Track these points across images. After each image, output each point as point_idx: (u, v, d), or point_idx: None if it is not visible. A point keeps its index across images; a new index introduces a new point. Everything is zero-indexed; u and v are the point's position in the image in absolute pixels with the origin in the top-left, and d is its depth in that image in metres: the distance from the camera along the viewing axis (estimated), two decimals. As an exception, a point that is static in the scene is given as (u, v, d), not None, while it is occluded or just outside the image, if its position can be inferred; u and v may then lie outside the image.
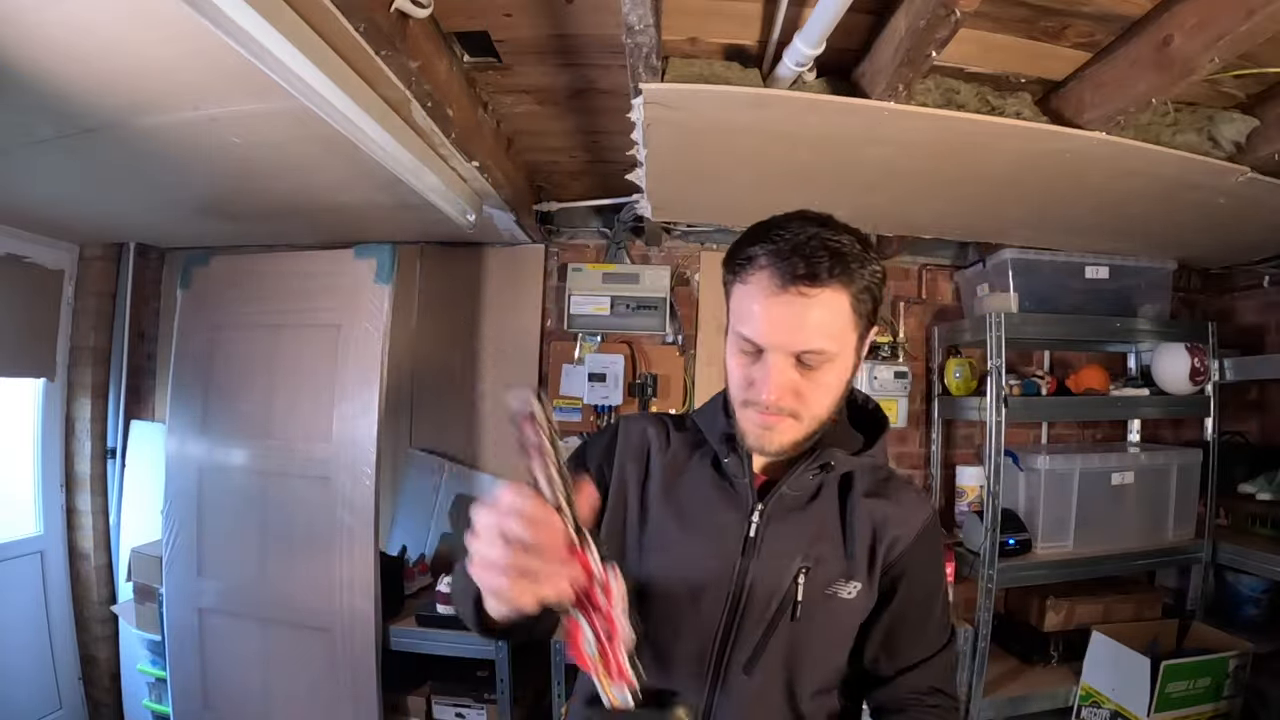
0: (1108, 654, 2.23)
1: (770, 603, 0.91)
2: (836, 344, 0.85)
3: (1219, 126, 1.67)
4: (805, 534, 0.93)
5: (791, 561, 0.92)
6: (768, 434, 0.88)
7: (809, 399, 0.87)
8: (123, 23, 1.25)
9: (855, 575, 0.93)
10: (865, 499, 0.95)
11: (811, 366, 0.85)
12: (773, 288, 0.84)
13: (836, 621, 0.93)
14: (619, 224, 2.78)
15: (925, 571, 0.97)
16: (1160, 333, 2.57)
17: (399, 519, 2.88)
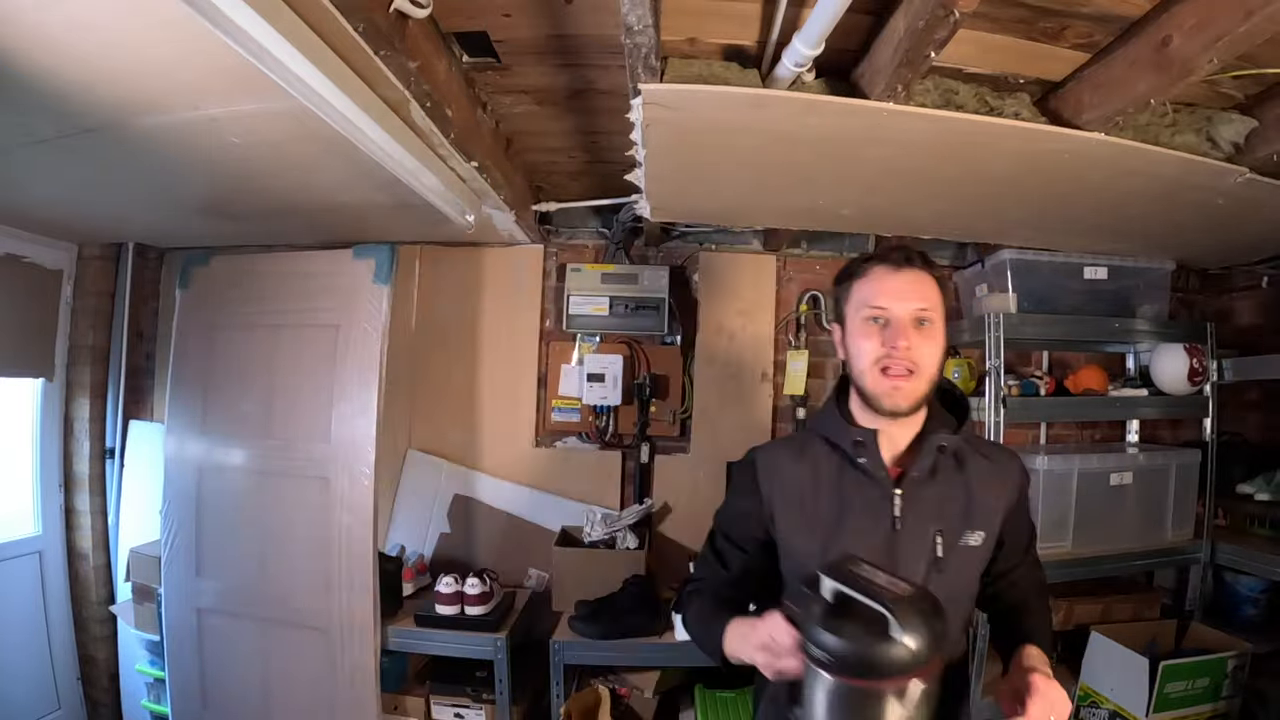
0: (1106, 654, 2.23)
1: (918, 565, 1.13)
2: (937, 310, 1.14)
3: (1218, 127, 1.67)
4: (935, 504, 1.15)
5: (930, 528, 1.14)
6: (898, 392, 1.12)
7: (924, 355, 1.12)
8: (122, 23, 1.25)
9: (978, 525, 1.16)
10: (971, 464, 1.19)
11: (926, 323, 1.13)
12: (890, 270, 1.15)
13: (969, 566, 1.18)
14: (618, 224, 2.78)
15: (1024, 501, 1.27)
16: (1159, 333, 2.57)
17: (397, 519, 2.89)
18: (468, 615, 2.33)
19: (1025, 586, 1.29)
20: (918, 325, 1.13)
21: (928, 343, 1.13)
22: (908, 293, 1.13)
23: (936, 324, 1.14)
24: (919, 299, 1.13)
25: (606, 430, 2.88)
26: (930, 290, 1.15)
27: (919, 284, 1.14)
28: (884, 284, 1.15)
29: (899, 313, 1.12)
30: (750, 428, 2.85)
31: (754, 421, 2.88)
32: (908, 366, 1.11)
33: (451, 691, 2.41)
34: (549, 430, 2.91)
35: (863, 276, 1.18)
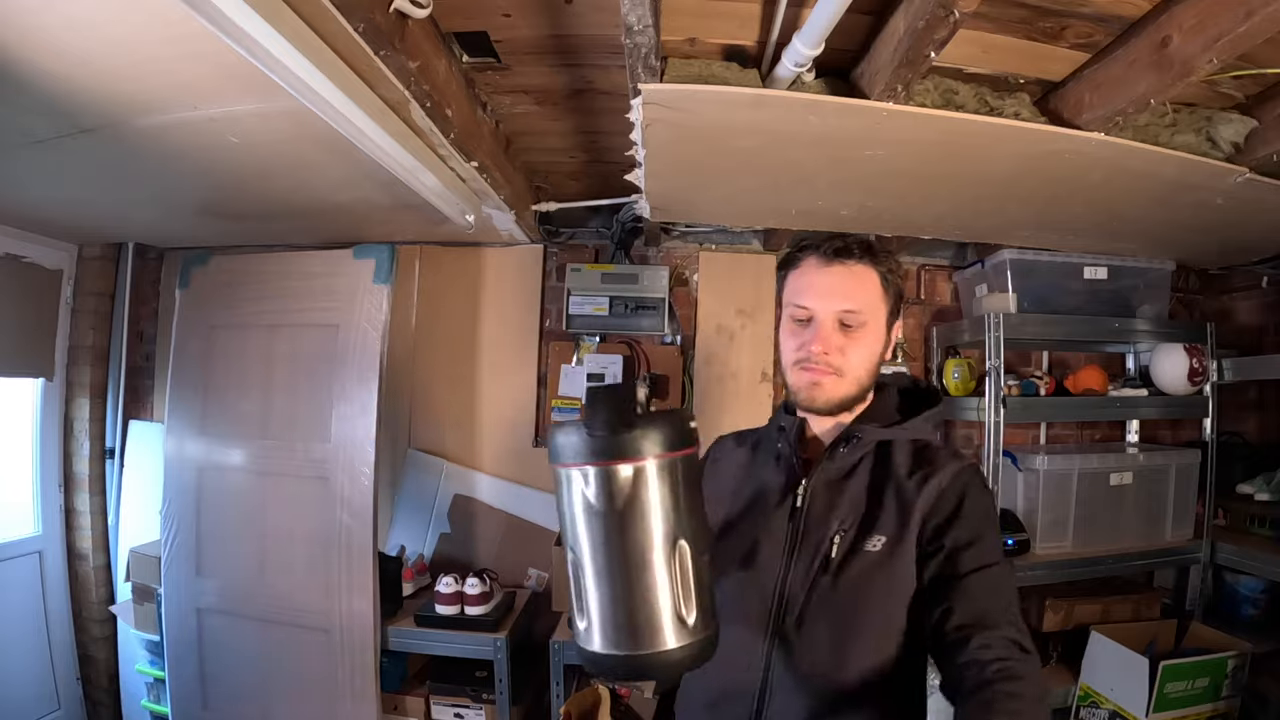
0: (1106, 654, 2.23)
1: (812, 563, 1.03)
2: (869, 310, 1.06)
3: (1217, 127, 1.67)
4: (843, 502, 1.05)
5: (829, 525, 1.04)
6: (816, 389, 1.06)
7: (850, 357, 1.06)
8: (122, 23, 1.25)
9: (881, 530, 1.01)
10: (900, 467, 1.06)
11: (851, 326, 1.05)
12: (819, 264, 1.08)
13: (867, 575, 1.00)
14: (618, 224, 2.78)
15: (961, 517, 0.99)
16: (1159, 333, 2.57)
17: (397, 519, 2.88)
18: (468, 615, 2.33)
19: (999, 653, 0.85)
20: (842, 328, 1.05)
21: (854, 346, 1.06)
22: (834, 292, 1.06)
23: (869, 325, 1.06)
24: (845, 299, 1.05)
25: (606, 430, 2.87)
26: (862, 288, 1.06)
27: (850, 281, 1.06)
28: (810, 280, 1.08)
29: (822, 315, 1.05)
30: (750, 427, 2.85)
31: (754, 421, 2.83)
32: (827, 369, 1.05)
33: (451, 691, 2.41)
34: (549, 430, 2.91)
35: (795, 268, 1.11)
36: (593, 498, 0.76)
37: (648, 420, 0.76)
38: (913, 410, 1.13)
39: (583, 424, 0.77)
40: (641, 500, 0.76)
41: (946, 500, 1.01)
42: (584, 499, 0.76)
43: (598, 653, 0.78)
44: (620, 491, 0.75)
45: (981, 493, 1.03)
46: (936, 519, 1.00)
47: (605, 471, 0.75)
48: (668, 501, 0.76)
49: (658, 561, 0.76)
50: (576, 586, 0.79)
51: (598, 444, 0.75)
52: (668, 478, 0.76)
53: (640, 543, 0.76)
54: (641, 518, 0.76)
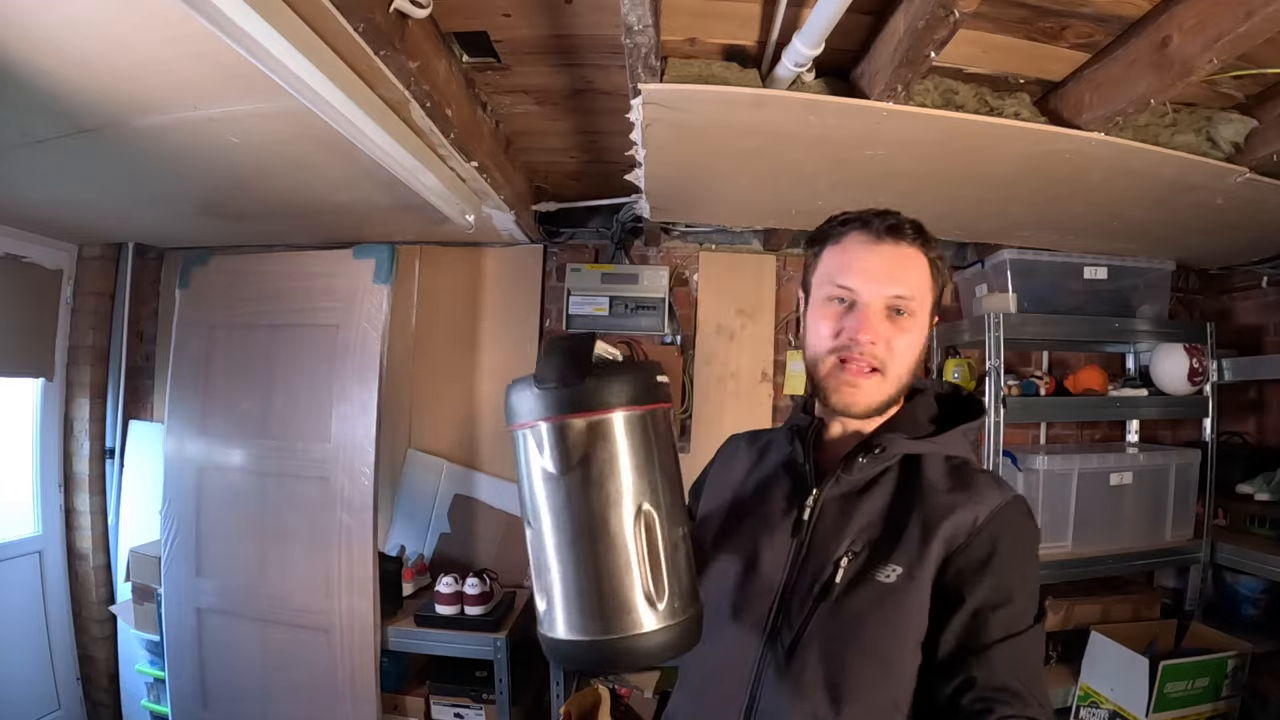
0: (1106, 654, 2.23)
1: (814, 586, 0.89)
2: (920, 299, 0.93)
3: (1217, 127, 1.67)
4: (857, 520, 0.91)
5: (838, 545, 0.90)
6: (855, 391, 0.92)
7: (895, 353, 0.92)
8: (121, 23, 1.25)
9: (898, 559, 0.86)
10: (929, 486, 0.91)
11: (902, 314, 0.92)
12: (867, 241, 0.94)
13: (875, 609, 0.85)
14: (618, 224, 2.78)
15: (994, 561, 0.84)
16: (1159, 333, 2.57)
17: (398, 519, 2.88)
18: (468, 615, 2.33)
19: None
20: (891, 315, 0.92)
21: (901, 337, 0.92)
22: (885, 274, 0.92)
23: (917, 315, 0.93)
24: (897, 283, 0.92)
25: (606, 430, 2.87)
26: (915, 272, 0.93)
27: (902, 263, 0.93)
28: (857, 258, 0.93)
29: (869, 297, 0.91)
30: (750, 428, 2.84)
31: (754, 421, 2.87)
32: (871, 364, 0.91)
33: (451, 691, 2.41)
34: (549, 430, 2.91)
35: (835, 243, 0.97)
36: (546, 458, 0.67)
37: (606, 371, 0.68)
38: (949, 421, 0.98)
39: (533, 377, 0.69)
40: (600, 459, 0.67)
41: (979, 543, 0.85)
42: (538, 460, 0.68)
43: (560, 639, 0.68)
44: (575, 449, 0.67)
45: (1022, 538, 0.87)
46: (961, 563, 0.84)
47: (558, 427, 0.67)
48: (630, 461, 0.67)
49: (622, 531, 0.67)
50: (537, 566, 0.70)
51: (549, 397, 0.67)
52: (630, 435, 0.67)
53: (601, 509, 0.67)
54: (601, 479, 0.67)
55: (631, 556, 0.65)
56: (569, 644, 0.67)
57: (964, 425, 0.96)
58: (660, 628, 0.65)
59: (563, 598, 0.69)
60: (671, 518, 0.69)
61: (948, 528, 0.85)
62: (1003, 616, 0.80)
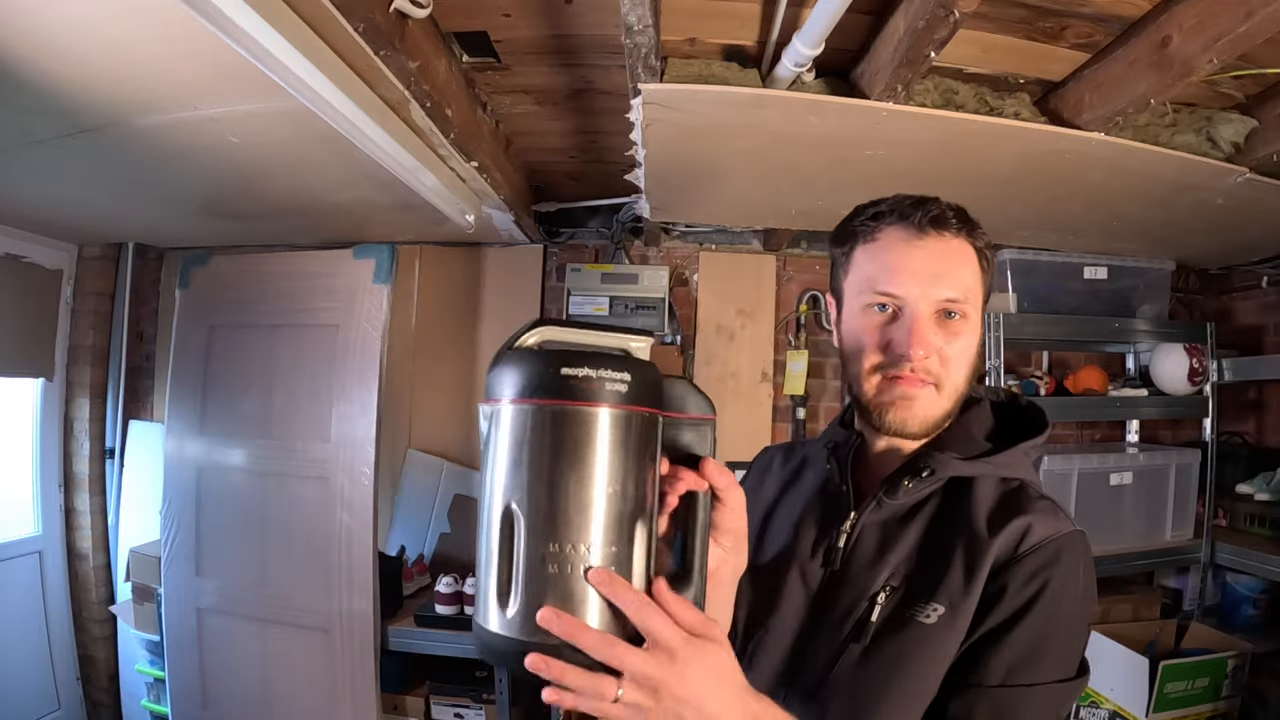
0: (1106, 654, 2.23)
1: (844, 623, 0.78)
2: (972, 298, 0.81)
3: (1217, 127, 1.67)
4: (896, 551, 0.80)
5: (875, 579, 0.79)
6: (909, 407, 0.80)
7: (950, 363, 0.80)
8: (122, 23, 1.25)
9: (940, 598, 0.74)
10: (977, 514, 0.79)
11: (954, 318, 0.80)
12: (908, 235, 0.81)
13: (915, 651, 0.73)
14: (618, 224, 2.78)
15: (1032, 597, 0.72)
16: (1159, 333, 2.57)
17: (398, 519, 2.88)
18: (468, 615, 2.33)
19: None
20: (944, 319, 0.80)
21: (955, 344, 0.80)
22: (932, 274, 0.79)
23: (970, 317, 0.81)
24: (947, 284, 0.79)
25: (606, 430, 2.87)
26: (965, 268, 0.81)
27: (950, 259, 0.80)
28: (898, 259, 0.80)
29: (916, 304, 0.79)
30: (750, 428, 2.85)
31: (754, 422, 2.87)
32: (924, 379, 0.80)
33: (451, 691, 2.41)
34: (549, 430, 2.91)
35: (868, 241, 0.84)
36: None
37: (515, 358, 0.60)
38: (1006, 436, 0.86)
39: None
40: (488, 447, 0.60)
41: (1018, 571, 0.73)
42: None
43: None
44: (483, 433, 0.61)
45: (1073, 579, 0.74)
46: (992, 589, 0.73)
47: (480, 408, 0.61)
48: (506, 456, 0.58)
49: (489, 522, 0.59)
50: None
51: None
52: (512, 429, 0.58)
53: (482, 495, 0.60)
54: (484, 467, 0.60)
55: (493, 551, 0.57)
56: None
57: (1025, 444, 0.84)
58: (499, 633, 0.56)
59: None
60: (551, 529, 0.56)
61: (995, 549, 0.75)
62: (1009, 659, 0.69)
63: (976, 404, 0.88)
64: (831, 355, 2.89)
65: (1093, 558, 0.79)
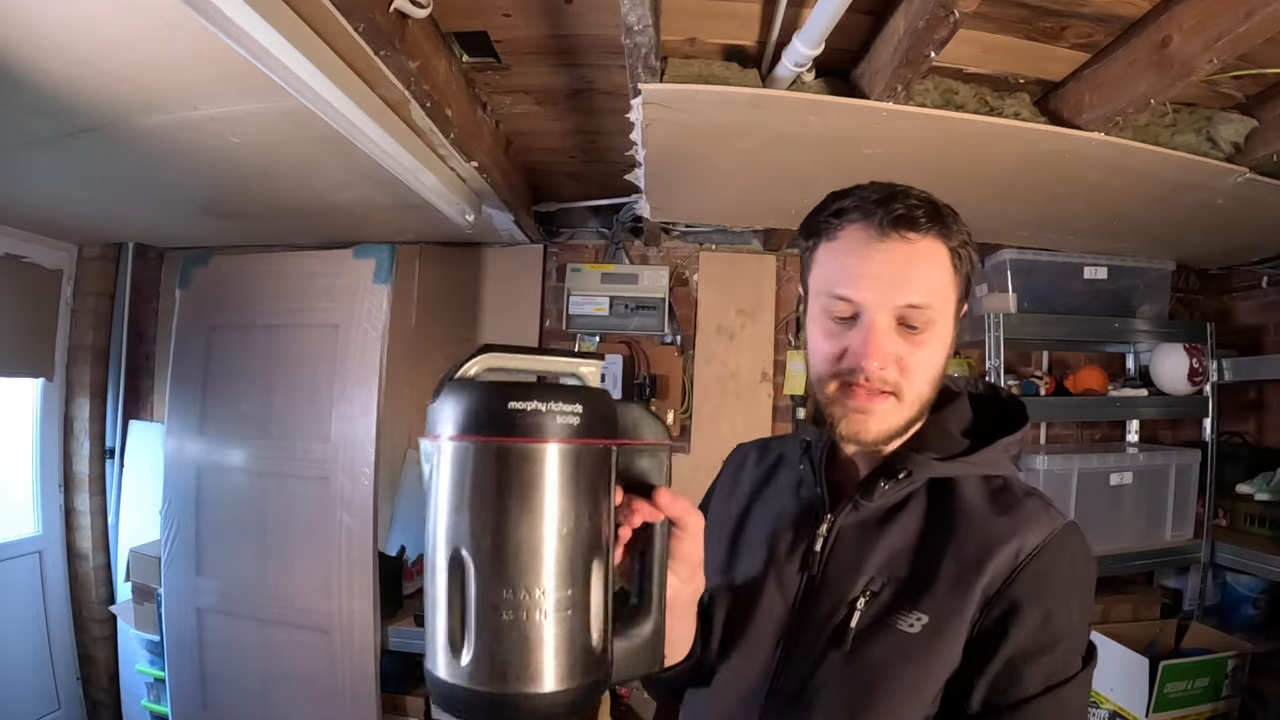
0: (1106, 654, 2.23)
1: (824, 628, 0.76)
2: (939, 303, 0.76)
3: (1217, 127, 1.67)
4: (879, 553, 0.77)
5: (854, 583, 0.76)
6: (865, 419, 0.76)
7: (911, 372, 0.75)
8: (122, 22, 1.25)
9: (925, 607, 0.73)
10: (964, 516, 0.77)
11: (915, 329, 0.75)
12: (869, 236, 0.75)
13: (895, 663, 0.72)
14: (618, 224, 2.78)
15: (1045, 601, 0.71)
16: (1159, 333, 2.57)
17: (398, 519, 2.88)
18: (468, 615, 2.33)
19: None
20: (903, 330, 0.75)
21: (917, 353, 0.75)
22: (893, 279, 0.74)
23: (937, 323, 0.76)
24: (908, 289, 0.74)
25: (606, 430, 2.87)
26: (932, 270, 0.75)
27: (914, 262, 0.74)
28: (857, 261, 0.75)
29: (874, 311, 0.74)
30: (750, 428, 2.85)
31: (754, 421, 2.87)
32: (881, 389, 0.75)
33: (451, 691, 2.41)
34: (549, 430, 2.91)
35: (831, 239, 0.79)
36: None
37: (455, 390, 0.56)
38: (985, 431, 0.83)
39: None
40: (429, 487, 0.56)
41: (1022, 581, 0.72)
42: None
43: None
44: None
45: (1075, 570, 0.76)
46: (1003, 606, 0.71)
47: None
48: (446, 496, 0.55)
49: (434, 568, 0.55)
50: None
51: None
52: (453, 467, 0.54)
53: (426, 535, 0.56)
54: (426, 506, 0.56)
55: (440, 598, 0.54)
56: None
57: (1005, 440, 0.81)
58: (455, 683, 0.54)
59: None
60: (503, 574, 0.53)
61: (989, 569, 0.72)
62: (1045, 664, 0.68)
63: (955, 398, 0.85)
64: (831, 355, 2.89)
65: (1086, 539, 0.80)
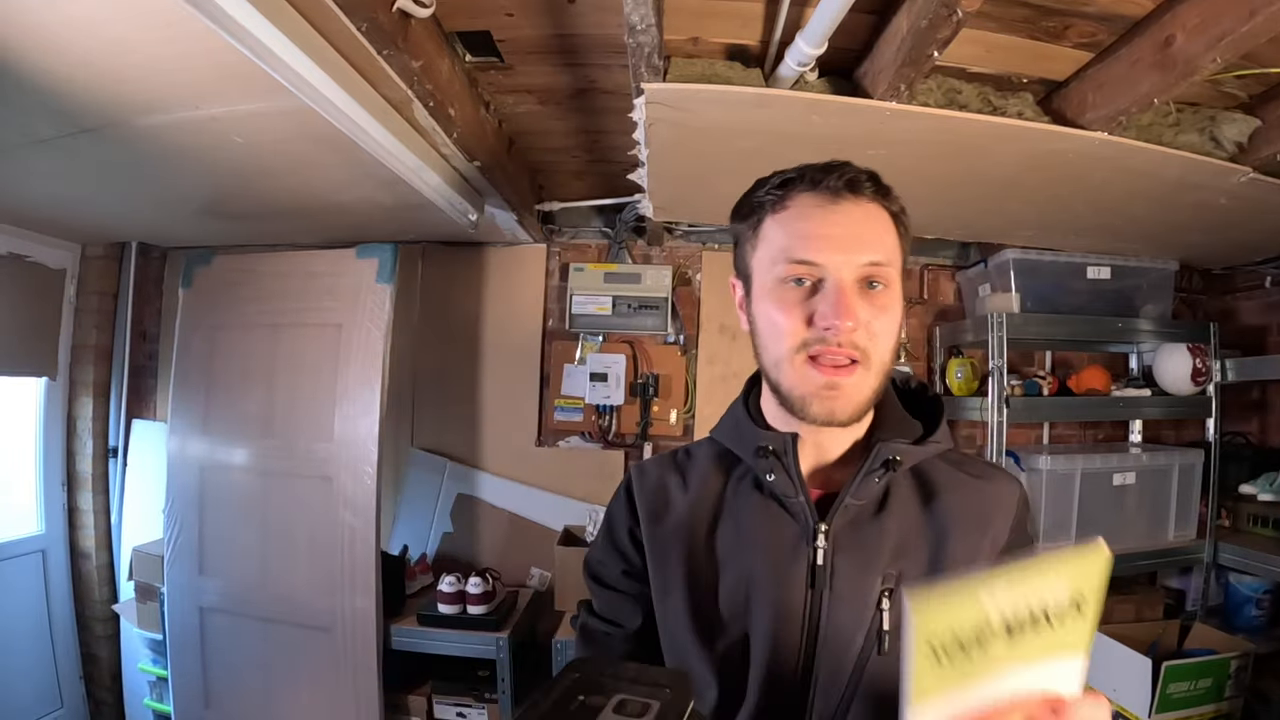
0: (1109, 654, 2.23)
1: (853, 639, 0.74)
2: (894, 264, 0.76)
3: (1221, 127, 1.67)
4: (883, 548, 0.76)
5: (872, 585, 0.75)
6: (835, 396, 0.74)
7: (877, 335, 0.74)
8: (124, 22, 1.26)
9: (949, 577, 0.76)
10: (944, 489, 0.80)
11: (877, 287, 0.75)
12: (822, 200, 0.75)
13: None
14: (621, 224, 2.78)
15: (1023, 543, 0.82)
16: (1162, 333, 2.56)
17: (400, 518, 2.89)
18: (470, 614, 2.33)
19: None
20: (866, 288, 0.74)
21: (881, 316, 0.74)
22: (853, 239, 0.74)
23: (893, 285, 0.76)
24: (870, 247, 0.74)
25: (609, 430, 2.88)
26: (885, 232, 0.76)
27: (869, 223, 0.75)
28: (815, 225, 0.75)
29: (839, 271, 0.73)
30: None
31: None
32: (851, 355, 0.73)
33: (454, 690, 2.41)
34: (551, 429, 2.91)
35: (779, 210, 0.78)
36: None
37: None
38: (912, 410, 0.86)
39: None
40: None
41: (1019, 536, 0.80)
42: None
43: None
44: None
45: (1034, 525, 0.86)
46: (1009, 550, 0.79)
47: None
48: None
49: None
50: None
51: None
52: None
53: None
54: None
55: None
56: None
57: (943, 419, 0.85)
58: None
59: None
60: None
61: (991, 530, 0.78)
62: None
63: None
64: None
65: None
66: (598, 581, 0.95)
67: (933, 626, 0.49)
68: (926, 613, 0.49)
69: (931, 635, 0.49)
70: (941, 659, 0.50)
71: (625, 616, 0.90)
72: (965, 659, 0.50)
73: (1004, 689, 0.52)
